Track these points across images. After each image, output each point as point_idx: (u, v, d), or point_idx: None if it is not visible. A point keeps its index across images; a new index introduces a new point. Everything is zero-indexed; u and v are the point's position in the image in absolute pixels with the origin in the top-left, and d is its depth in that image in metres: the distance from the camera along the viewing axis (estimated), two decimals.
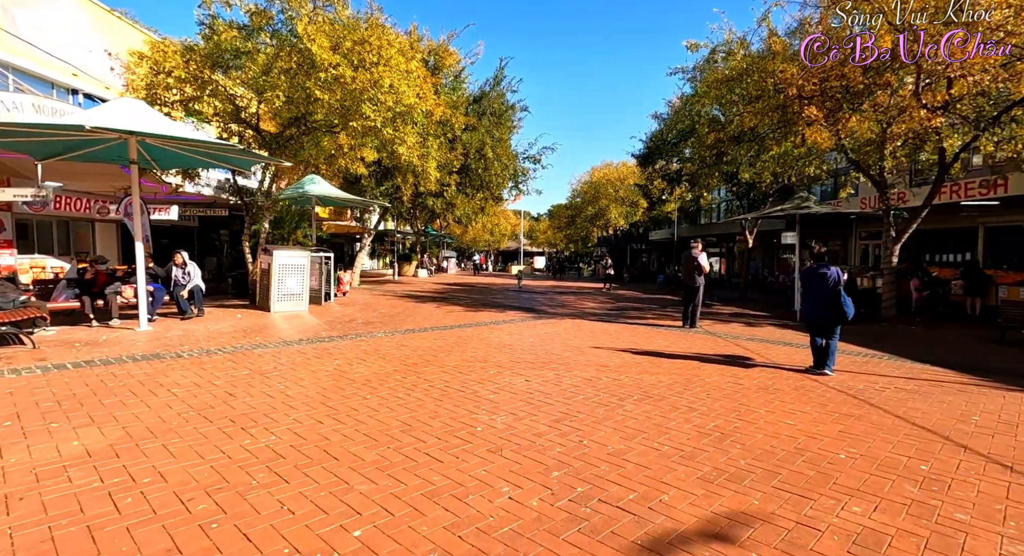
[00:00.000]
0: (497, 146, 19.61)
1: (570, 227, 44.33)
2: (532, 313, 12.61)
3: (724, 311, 14.28)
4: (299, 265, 10.97)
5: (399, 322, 10.11)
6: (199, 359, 6.23)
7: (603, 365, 6.59)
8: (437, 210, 29.10)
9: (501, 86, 20.45)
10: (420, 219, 32.98)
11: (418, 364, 6.34)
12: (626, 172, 33.40)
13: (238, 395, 4.75)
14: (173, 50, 9.95)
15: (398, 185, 18.15)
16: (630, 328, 10.26)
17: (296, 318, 10.12)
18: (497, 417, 4.37)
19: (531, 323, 10.71)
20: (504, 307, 13.95)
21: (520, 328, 9.88)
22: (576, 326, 10.36)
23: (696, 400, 5.05)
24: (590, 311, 13.47)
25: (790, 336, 9.57)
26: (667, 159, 19.24)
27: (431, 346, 7.62)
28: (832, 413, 4.71)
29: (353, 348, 7.25)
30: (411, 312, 11.91)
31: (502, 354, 7.15)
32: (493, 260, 60.25)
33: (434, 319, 10.81)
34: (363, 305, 13.01)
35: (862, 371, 6.59)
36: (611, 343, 8.33)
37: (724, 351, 7.80)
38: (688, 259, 10.34)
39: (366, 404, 4.61)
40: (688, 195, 18.59)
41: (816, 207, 14.68)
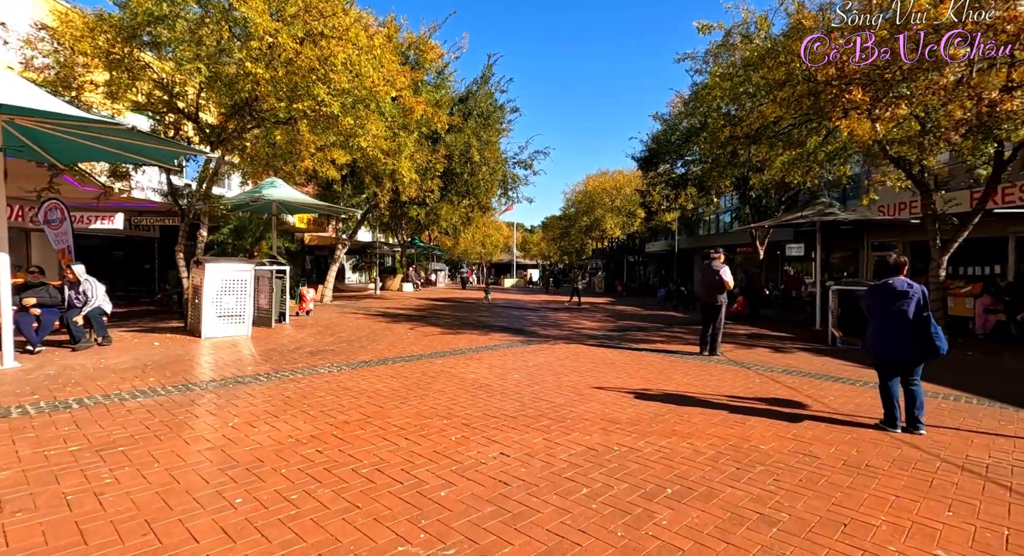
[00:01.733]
0: (484, 149, 17.95)
1: (564, 239, 42.69)
2: (521, 336, 10.78)
3: (739, 331, 12.52)
4: (239, 280, 9.13)
5: (356, 350, 8.26)
6: (32, 419, 4.35)
7: (612, 420, 4.77)
8: (421, 220, 27.45)
9: (489, 85, 18.85)
10: (407, 230, 31.22)
11: (351, 424, 4.49)
12: (623, 180, 31.86)
13: (14, 502, 2.89)
14: (84, 21, 8.19)
15: (375, 192, 16.39)
16: (638, 356, 8.45)
17: (229, 347, 8.24)
18: (443, 553, 2.53)
19: (519, 350, 8.88)
20: (489, 328, 12.12)
21: (504, 357, 8.05)
22: (573, 354, 8.54)
23: (764, 493, 3.24)
24: (588, 332, 11.67)
25: (833, 367, 7.80)
26: (671, 162, 17.59)
27: (383, 389, 5.77)
28: (992, 522, 2.91)
29: (274, 394, 5.40)
30: (377, 336, 10.06)
31: (475, 402, 5.32)
32: (486, 273, 58.40)
33: (402, 345, 8.96)
34: (324, 327, 11.14)
35: (964, 427, 4.80)
36: (618, 380, 6.52)
37: (764, 392, 6.01)
38: (708, 273, 8.59)
39: (224, 522, 2.76)
40: (694, 201, 16.96)
41: (843, 213, 13.06)
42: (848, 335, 10.31)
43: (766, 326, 13.72)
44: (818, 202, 13.59)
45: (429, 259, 44.36)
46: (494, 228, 50.44)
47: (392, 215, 26.81)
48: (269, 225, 17.76)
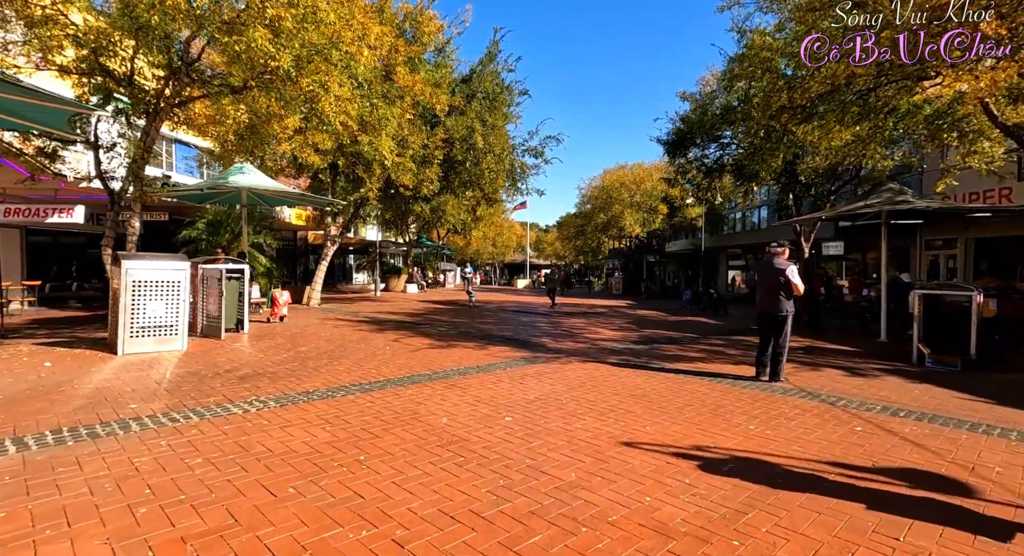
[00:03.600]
0: (490, 135, 15.97)
1: (579, 238, 40.53)
2: (525, 350, 8.76)
3: (792, 344, 10.38)
4: (169, 282, 7.26)
5: (305, 374, 6.32)
6: None
7: (660, 526, 2.74)
8: (426, 216, 25.54)
9: (496, 63, 16.87)
10: (412, 228, 29.36)
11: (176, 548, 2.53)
12: (643, 174, 29.62)
13: None
14: None
15: (363, 177, 14.51)
16: (676, 383, 6.37)
17: (141, 369, 6.36)
18: None
19: (519, 371, 6.87)
20: (488, 339, 10.12)
21: (498, 385, 6.03)
22: (590, 378, 6.50)
23: None
24: (608, 344, 9.60)
25: (949, 403, 5.63)
26: (704, 145, 15.34)
27: (300, 447, 3.81)
28: None
29: (116, 465, 3.46)
30: (347, 350, 8.13)
31: (431, 481, 3.31)
32: (499, 273, 56.44)
33: (371, 365, 7.01)
34: (288, 338, 9.25)
35: None
36: (656, 427, 4.47)
37: (882, 454, 3.90)
38: (769, 272, 6.48)
39: None
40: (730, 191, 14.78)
41: (917, 201, 10.78)
42: (938, 352, 8.12)
43: (821, 336, 11.49)
44: (884, 189, 11.31)
45: (439, 259, 42.56)
46: (506, 226, 48.54)
47: (396, 211, 25.02)
48: (250, 219, 16.04)
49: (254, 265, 14.80)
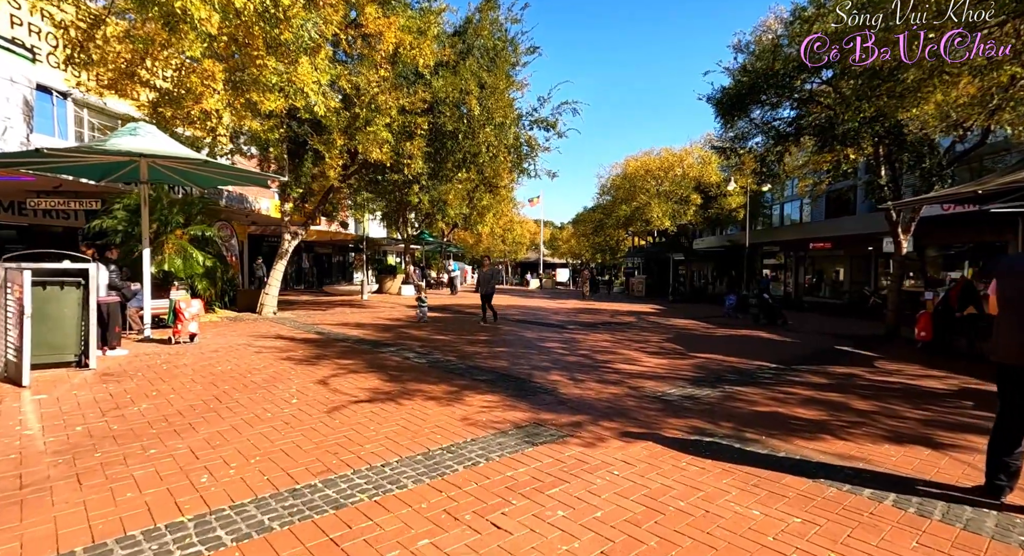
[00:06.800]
0: (488, 99, 12.55)
1: (598, 234, 36.84)
2: (523, 407, 5.32)
3: (936, 385, 6.81)
4: None
5: (65, 491, 3.00)
6: None
7: None
8: (425, 208, 22.22)
9: (497, 11, 13.42)
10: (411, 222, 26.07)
11: None
12: (672, 160, 25.88)
13: None
14: None
15: (322, 154, 11.18)
16: (829, 510, 2.89)
17: None
18: None
19: (503, 469, 3.45)
20: (471, 374, 6.71)
21: (447, 526, 2.63)
22: (650, 502, 3.06)
23: None
24: (654, 386, 6.13)
25: None
26: (776, 101, 11.59)
27: None
28: None
29: None
30: (221, 408, 4.78)
31: None
32: (512, 271, 52.97)
33: (227, 451, 3.66)
34: (147, 380, 5.90)
35: None
36: None
37: None
38: None
39: None
40: (812, 158, 11.09)
41: None
42: None
43: (960, 369, 7.89)
44: None
45: (445, 257, 39.28)
46: (517, 222, 45.03)
47: (390, 202, 21.75)
48: (194, 204, 12.83)
49: (191, 265, 11.64)
